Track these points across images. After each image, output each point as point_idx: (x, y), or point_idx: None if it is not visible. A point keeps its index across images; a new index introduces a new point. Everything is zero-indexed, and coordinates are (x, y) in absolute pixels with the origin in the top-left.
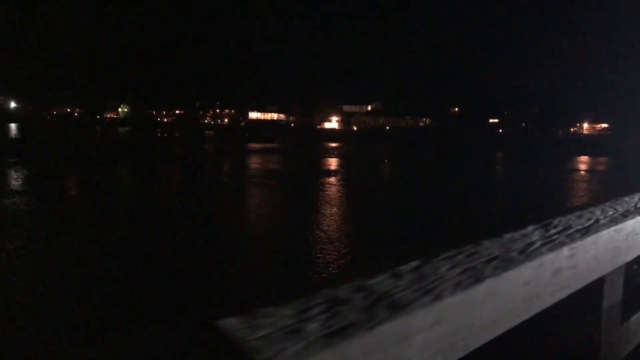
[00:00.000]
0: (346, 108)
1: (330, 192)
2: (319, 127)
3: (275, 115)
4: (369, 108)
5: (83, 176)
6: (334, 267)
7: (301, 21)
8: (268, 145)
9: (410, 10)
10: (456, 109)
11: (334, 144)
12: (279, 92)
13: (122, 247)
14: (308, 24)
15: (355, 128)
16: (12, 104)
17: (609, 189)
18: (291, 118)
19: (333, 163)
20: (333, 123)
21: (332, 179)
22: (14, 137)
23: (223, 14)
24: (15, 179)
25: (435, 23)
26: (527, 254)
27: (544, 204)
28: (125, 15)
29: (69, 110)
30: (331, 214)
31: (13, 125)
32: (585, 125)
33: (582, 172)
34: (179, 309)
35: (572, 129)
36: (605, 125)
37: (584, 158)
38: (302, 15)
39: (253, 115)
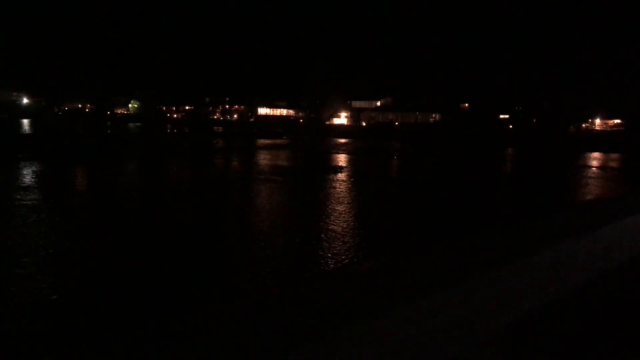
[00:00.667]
0: (355, 103)
1: (341, 189)
2: (327, 122)
3: (284, 111)
4: (379, 103)
5: (93, 172)
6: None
7: (311, 16)
8: (277, 141)
9: (421, 5)
10: (466, 104)
11: (343, 140)
12: (287, 88)
13: (142, 238)
14: (318, 19)
15: (364, 124)
16: (25, 100)
17: (623, 185)
18: (300, 114)
19: (342, 159)
20: (342, 119)
21: (341, 175)
22: (26, 132)
23: (232, 9)
24: (25, 176)
25: (446, 18)
26: None
27: (551, 198)
28: (136, 12)
29: (80, 106)
30: (344, 210)
31: (26, 121)
32: (598, 121)
33: (594, 168)
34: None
35: (584, 125)
36: (618, 121)
37: (596, 154)
38: (311, 10)
39: (262, 110)
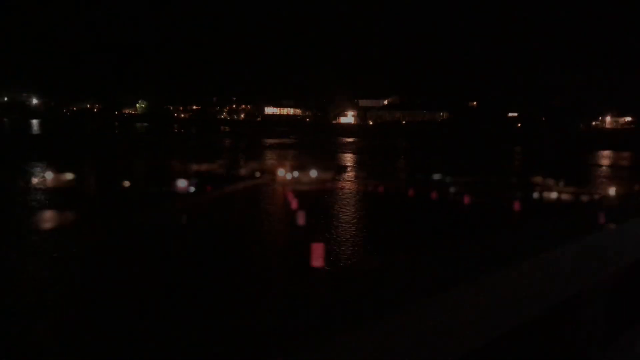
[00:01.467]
0: (362, 102)
1: (343, 188)
2: (334, 121)
3: (291, 110)
4: (385, 102)
5: (98, 172)
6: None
7: (316, 15)
8: (284, 140)
9: (428, 3)
10: (474, 102)
11: (349, 139)
12: (294, 87)
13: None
14: (324, 17)
15: (371, 122)
16: (34, 100)
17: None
18: (307, 113)
19: (348, 159)
20: (349, 117)
21: (346, 175)
22: (35, 132)
23: (239, 9)
24: (35, 175)
25: (453, 15)
26: None
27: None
28: (143, 12)
29: (88, 106)
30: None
31: (35, 121)
32: (608, 119)
33: (604, 166)
34: None
35: (594, 123)
36: (630, 118)
37: (606, 152)
38: (317, 8)
39: (269, 110)
